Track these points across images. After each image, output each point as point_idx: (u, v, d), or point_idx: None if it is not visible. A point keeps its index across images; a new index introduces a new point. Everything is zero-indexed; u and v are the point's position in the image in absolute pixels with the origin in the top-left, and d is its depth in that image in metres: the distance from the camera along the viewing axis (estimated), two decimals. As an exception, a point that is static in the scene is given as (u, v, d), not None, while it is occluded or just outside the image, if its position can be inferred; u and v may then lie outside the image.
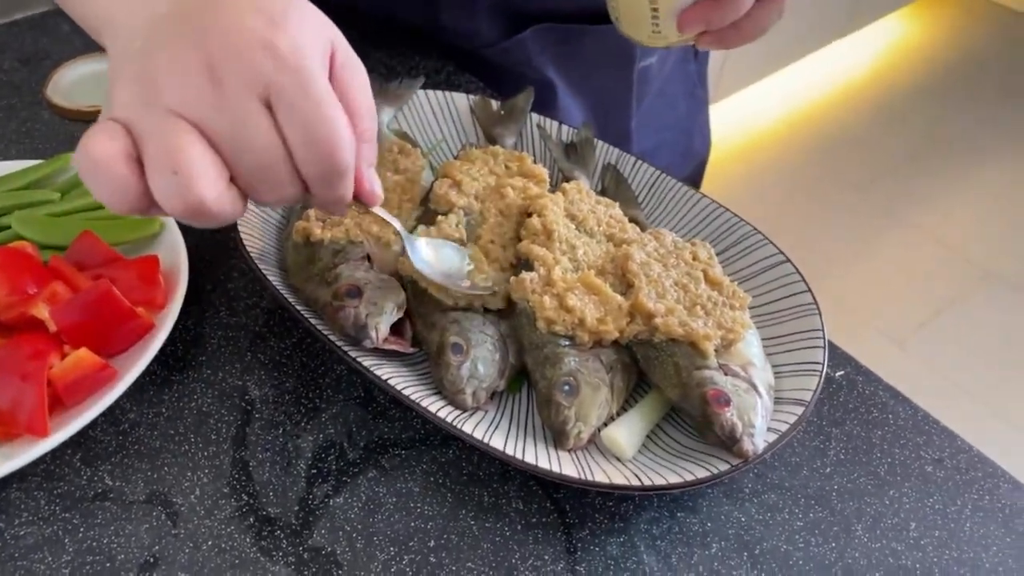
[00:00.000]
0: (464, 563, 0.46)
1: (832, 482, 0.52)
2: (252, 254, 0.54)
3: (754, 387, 0.49)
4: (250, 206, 0.59)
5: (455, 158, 0.63)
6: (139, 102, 0.36)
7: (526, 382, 0.54)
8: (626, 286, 0.54)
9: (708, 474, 0.46)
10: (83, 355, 0.49)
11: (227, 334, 0.57)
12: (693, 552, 0.48)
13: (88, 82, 0.77)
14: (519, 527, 0.48)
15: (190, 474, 0.49)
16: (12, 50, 0.81)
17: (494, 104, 0.69)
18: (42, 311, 0.51)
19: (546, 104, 0.81)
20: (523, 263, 0.56)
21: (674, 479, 0.46)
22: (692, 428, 0.51)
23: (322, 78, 0.37)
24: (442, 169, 0.61)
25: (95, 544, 0.46)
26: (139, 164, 0.36)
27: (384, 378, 0.49)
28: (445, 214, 0.58)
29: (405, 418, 0.53)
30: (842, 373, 0.58)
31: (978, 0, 2.91)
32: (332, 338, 0.51)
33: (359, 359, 0.50)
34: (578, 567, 0.46)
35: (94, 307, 0.51)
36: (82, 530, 0.47)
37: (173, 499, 0.48)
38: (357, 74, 0.40)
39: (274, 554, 0.46)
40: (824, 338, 0.53)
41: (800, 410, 0.49)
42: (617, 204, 0.61)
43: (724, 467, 0.47)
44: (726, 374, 0.50)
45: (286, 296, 0.53)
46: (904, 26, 2.76)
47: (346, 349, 0.51)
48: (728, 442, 0.47)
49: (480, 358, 0.51)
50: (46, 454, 0.48)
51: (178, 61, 0.35)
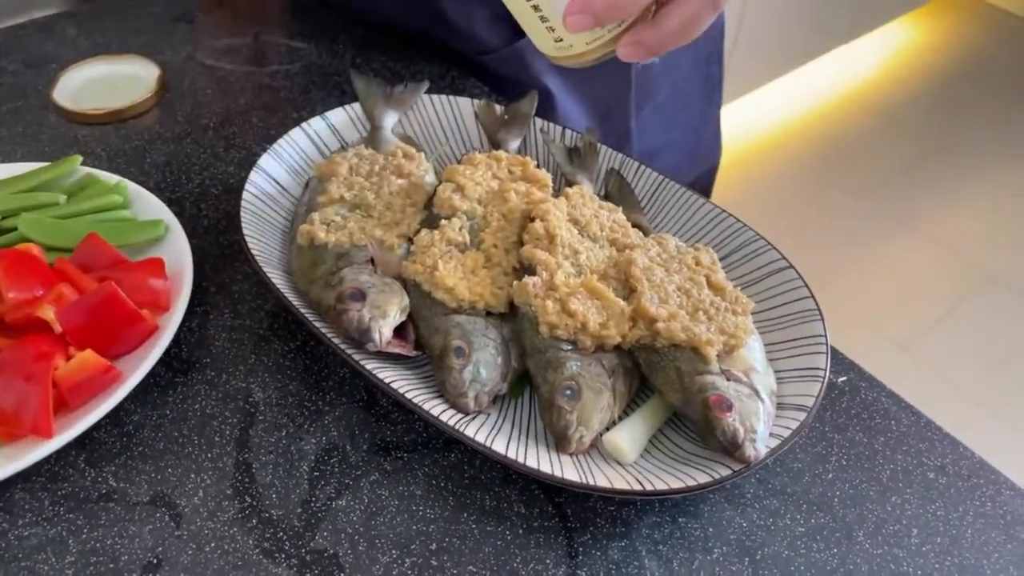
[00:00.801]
0: (466, 566, 0.46)
1: (834, 488, 0.52)
2: (256, 257, 0.55)
3: (756, 392, 0.49)
4: (251, 207, 0.59)
5: (459, 162, 0.64)
6: None
7: (528, 386, 0.54)
8: (629, 291, 0.54)
9: (710, 479, 0.46)
10: (88, 357, 0.50)
11: (231, 337, 0.57)
12: (695, 557, 0.48)
13: (94, 85, 0.77)
14: (521, 531, 0.48)
15: (194, 476, 0.50)
16: (18, 53, 0.82)
17: (498, 108, 0.70)
18: (48, 313, 0.51)
19: (546, 111, 0.81)
20: (526, 267, 0.56)
21: (676, 484, 0.46)
22: (694, 433, 0.51)
23: None
24: (446, 173, 0.61)
25: (99, 545, 0.46)
26: None
27: (387, 381, 0.49)
28: (448, 218, 0.58)
29: (407, 421, 0.53)
30: (844, 379, 0.58)
31: (983, 5, 2.90)
32: (336, 341, 0.51)
33: (362, 362, 0.50)
34: (579, 571, 0.47)
35: (99, 309, 0.51)
36: (86, 531, 0.47)
37: (176, 501, 0.48)
38: None
39: (276, 556, 0.46)
40: (827, 344, 0.53)
41: (802, 416, 0.49)
42: (620, 209, 0.61)
43: (726, 472, 0.47)
44: (728, 379, 0.50)
45: (290, 299, 0.53)
46: (908, 32, 2.76)
47: (349, 352, 0.51)
48: (730, 447, 0.47)
49: (482, 362, 0.51)
50: (50, 455, 0.48)
51: None
